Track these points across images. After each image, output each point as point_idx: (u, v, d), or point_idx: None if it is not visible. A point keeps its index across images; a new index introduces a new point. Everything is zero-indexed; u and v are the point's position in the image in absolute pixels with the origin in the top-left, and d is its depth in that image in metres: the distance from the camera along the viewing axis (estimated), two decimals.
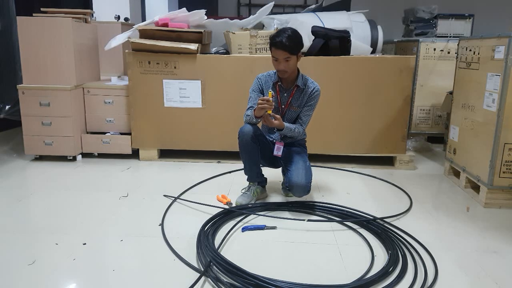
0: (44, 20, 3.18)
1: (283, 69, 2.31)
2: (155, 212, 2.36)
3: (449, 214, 2.44)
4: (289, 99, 2.44)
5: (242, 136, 2.38)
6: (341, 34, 3.20)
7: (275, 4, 4.26)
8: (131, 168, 3.22)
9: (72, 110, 3.26)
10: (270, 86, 2.45)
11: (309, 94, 2.43)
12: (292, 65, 2.31)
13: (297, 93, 2.44)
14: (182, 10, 3.35)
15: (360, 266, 1.81)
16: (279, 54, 2.27)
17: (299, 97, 2.44)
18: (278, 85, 2.45)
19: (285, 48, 2.24)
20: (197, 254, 1.88)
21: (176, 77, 3.26)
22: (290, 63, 2.30)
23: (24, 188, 2.80)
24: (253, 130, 2.36)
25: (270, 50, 2.33)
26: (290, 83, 2.44)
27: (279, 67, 2.31)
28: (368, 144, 3.30)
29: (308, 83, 2.44)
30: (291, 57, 2.28)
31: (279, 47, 2.25)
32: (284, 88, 2.45)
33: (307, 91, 2.43)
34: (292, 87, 2.43)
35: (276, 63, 2.32)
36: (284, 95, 2.45)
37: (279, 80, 2.44)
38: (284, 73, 2.34)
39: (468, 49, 2.85)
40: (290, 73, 2.35)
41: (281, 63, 2.29)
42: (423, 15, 4.32)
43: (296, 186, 2.34)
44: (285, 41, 2.23)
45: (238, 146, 2.44)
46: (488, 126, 2.53)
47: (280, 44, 2.24)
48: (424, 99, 4.00)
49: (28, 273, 1.74)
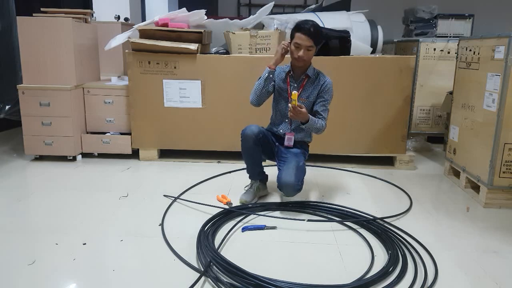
0: (44, 20, 3.18)
1: (302, 56, 2.30)
2: (155, 212, 2.36)
3: (449, 214, 2.44)
4: (299, 89, 2.44)
5: (245, 139, 2.40)
6: (341, 34, 3.20)
7: (275, 4, 4.26)
8: (131, 168, 3.22)
9: (72, 110, 3.26)
10: (283, 77, 2.46)
11: (321, 86, 2.43)
12: (310, 55, 2.34)
13: (307, 84, 2.44)
14: (182, 10, 3.35)
15: (360, 266, 1.81)
16: (304, 40, 2.27)
17: (309, 88, 2.45)
18: (290, 75, 2.45)
19: (312, 36, 2.26)
20: (197, 254, 1.88)
21: (176, 77, 3.26)
22: (310, 53, 2.32)
23: (24, 188, 2.80)
24: (255, 133, 2.36)
25: (292, 36, 2.33)
26: (302, 73, 2.44)
27: (298, 53, 2.30)
28: (368, 144, 3.30)
29: (320, 76, 2.46)
30: (313, 47, 2.30)
31: (306, 33, 2.26)
32: (295, 78, 2.46)
33: (318, 83, 2.43)
34: (303, 77, 2.44)
35: (296, 49, 2.31)
36: (295, 86, 2.45)
37: (291, 70, 2.44)
38: (301, 61, 2.34)
39: (468, 49, 2.85)
40: (305, 63, 2.37)
41: (302, 50, 2.29)
42: (423, 15, 4.32)
43: (285, 185, 2.34)
44: (313, 30, 2.26)
45: (241, 148, 2.44)
46: (488, 126, 2.53)
47: (308, 31, 2.26)
48: (424, 99, 4.00)
49: (28, 273, 1.74)
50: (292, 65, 2.45)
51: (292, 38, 2.34)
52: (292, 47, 2.34)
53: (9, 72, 3.61)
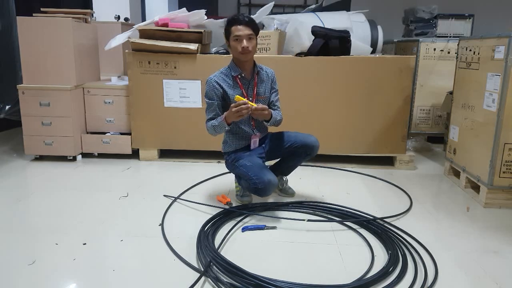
0: (44, 20, 3.18)
1: (246, 46, 2.21)
2: (155, 212, 2.36)
3: (449, 214, 2.44)
4: (254, 89, 2.39)
5: (267, 189, 2.26)
6: (341, 34, 3.20)
7: (275, 4, 4.27)
8: (131, 168, 3.22)
9: (72, 110, 3.26)
10: (231, 83, 2.34)
11: (271, 78, 2.44)
12: (254, 45, 2.27)
13: (258, 81, 2.40)
14: (182, 10, 3.35)
15: (360, 266, 1.81)
16: (243, 30, 2.21)
17: (261, 84, 2.41)
18: (239, 77, 2.35)
19: (248, 24, 2.23)
20: (197, 254, 1.88)
21: (176, 77, 3.26)
22: (253, 42, 2.26)
23: (24, 188, 2.80)
24: (277, 180, 2.34)
25: (228, 33, 2.27)
26: (250, 72, 2.38)
27: (242, 45, 2.21)
28: (368, 144, 3.30)
29: (265, 68, 2.45)
30: (254, 37, 2.26)
31: (242, 23, 2.22)
32: (247, 78, 2.37)
33: (267, 76, 2.42)
34: (254, 75, 2.38)
35: (237, 43, 2.23)
36: (249, 87, 2.39)
37: (240, 71, 2.34)
38: (247, 53, 2.24)
39: (468, 49, 2.85)
40: (251, 55, 2.29)
41: (244, 40, 2.22)
42: (423, 15, 4.32)
43: (312, 145, 2.39)
44: (247, 19, 2.24)
45: (254, 192, 2.34)
46: (488, 126, 2.53)
47: (243, 21, 2.22)
48: (424, 99, 4.00)
49: (28, 273, 1.74)
50: (239, 64, 2.33)
51: (229, 36, 2.27)
52: (232, 43, 2.25)
53: (9, 72, 3.61)
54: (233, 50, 2.29)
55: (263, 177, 2.23)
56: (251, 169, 2.30)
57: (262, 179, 2.23)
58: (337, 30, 3.27)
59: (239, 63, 2.34)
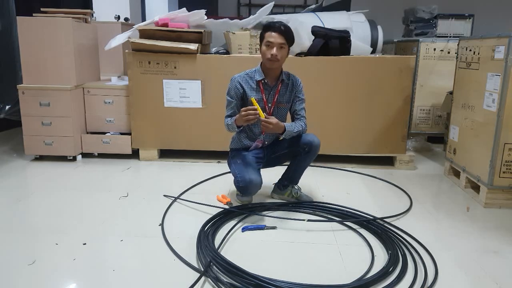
0: (44, 20, 3.18)
1: (275, 54, 2.20)
2: (155, 212, 2.36)
3: (449, 214, 2.44)
4: (275, 96, 2.38)
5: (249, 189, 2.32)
6: (341, 34, 3.20)
7: (275, 4, 4.26)
8: (131, 168, 3.22)
9: (72, 110, 3.26)
10: (254, 86, 2.34)
11: (296, 87, 2.41)
12: (284, 55, 2.26)
13: (282, 88, 2.39)
14: (182, 10, 3.35)
15: (360, 266, 1.81)
16: (276, 38, 2.20)
17: (285, 92, 2.40)
18: (262, 83, 2.35)
19: (283, 33, 2.21)
20: (197, 254, 1.88)
21: (176, 77, 3.26)
22: (283, 51, 2.25)
23: (24, 188, 2.80)
24: (260, 185, 2.34)
25: (262, 38, 2.26)
26: (275, 79, 2.37)
27: (271, 52, 2.20)
28: (368, 144, 3.30)
29: (291, 76, 2.42)
30: (285, 46, 2.25)
31: (277, 31, 2.21)
32: (269, 85, 2.37)
33: (291, 84, 2.40)
34: (277, 82, 2.37)
35: (267, 49, 2.22)
36: (270, 93, 2.38)
37: (264, 77, 2.34)
38: (275, 61, 2.23)
39: (468, 49, 2.85)
40: (280, 64, 2.29)
41: (275, 48, 2.21)
42: (423, 15, 4.32)
43: (314, 144, 2.36)
44: (283, 28, 2.22)
45: (239, 190, 2.41)
46: (488, 126, 2.53)
47: (278, 29, 2.21)
48: (424, 99, 4.00)
49: (28, 273, 1.74)
50: (265, 70, 2.33)
51: (262, 40, 2.26)
52: (263, 48, 2.25)
53: (9, 72, 3.61)
54: (263, 55, 2.29)
55: (245, 175, 2.28)
56: (238, 167, 2.37)
57: (244, 177, 2.28)
58: (337, 30, 3.27)
59: (266, 69, 2.34)
